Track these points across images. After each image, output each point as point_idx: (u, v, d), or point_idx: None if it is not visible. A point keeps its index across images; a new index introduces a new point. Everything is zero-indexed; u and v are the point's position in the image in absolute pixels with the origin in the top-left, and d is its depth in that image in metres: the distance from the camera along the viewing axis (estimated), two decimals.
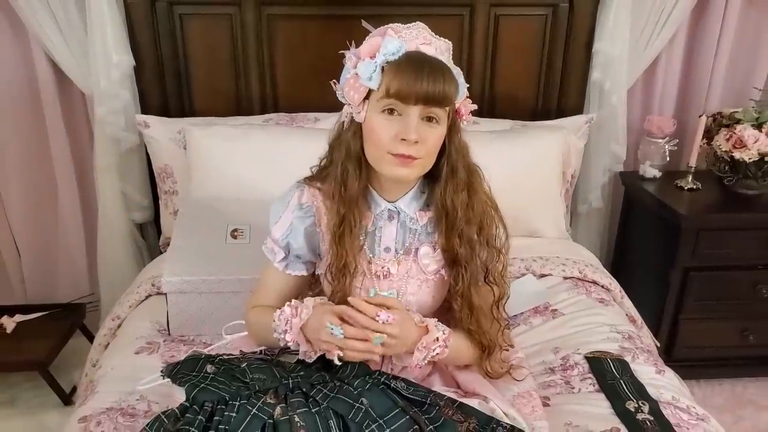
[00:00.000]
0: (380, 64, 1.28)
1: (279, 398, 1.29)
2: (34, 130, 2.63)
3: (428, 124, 1.31)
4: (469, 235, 1.41)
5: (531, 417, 1.41)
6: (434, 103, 1.28)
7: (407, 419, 1.23)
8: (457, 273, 1.43)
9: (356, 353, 1.30)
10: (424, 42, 1.32)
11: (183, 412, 1.28)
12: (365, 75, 1.29)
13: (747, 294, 2.52)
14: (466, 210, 1.41)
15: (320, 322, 1.32)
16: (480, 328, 1.44)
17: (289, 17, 2.51)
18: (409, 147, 1.29)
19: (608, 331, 1.88)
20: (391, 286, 1.46)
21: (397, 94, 1.27)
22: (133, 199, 2.65)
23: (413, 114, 1.28)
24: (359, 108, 1.33)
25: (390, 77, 1.27)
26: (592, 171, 2.78)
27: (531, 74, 2.68)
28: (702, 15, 2.69)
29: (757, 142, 2.39)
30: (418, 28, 1.34)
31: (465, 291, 1.43)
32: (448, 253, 1.44)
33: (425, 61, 1.28)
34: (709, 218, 2.46)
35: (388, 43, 1.28)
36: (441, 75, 1.27)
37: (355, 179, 1.38)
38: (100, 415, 1.53)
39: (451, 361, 1.50)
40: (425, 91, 1.26)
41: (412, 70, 1.26)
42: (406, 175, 1.34)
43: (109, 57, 2.37)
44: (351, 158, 1.38)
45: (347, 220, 1.39)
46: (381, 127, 1.30)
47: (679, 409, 1.57)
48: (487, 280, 1.45)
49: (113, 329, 2.04)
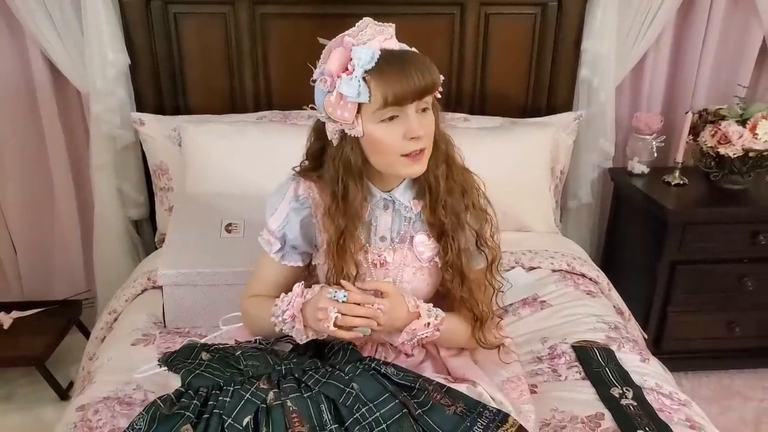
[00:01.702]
0: (360, 76, 1.27)
1: (272, 384, 1.33)
2: (31, 129, 2.65)
3: (424, 114, 1.33)
4: (453, 204, 1.43)
5: (518, 401, 1.44)
6: (429, 93, 1.31)
7: (396, 403, 1.26)
8: (445, 243, 1.45)
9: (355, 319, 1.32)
10: (386, 37, 1.32)
11: (178, 397, 1.32)
12: (352, 93, 1.27)
13: (733, 287, 2.55)
14: (447, 180, 1.43)
15: (319, 295, 1.35)
16: (472, 296, 1.47)
17: (283, 16, 2.53)
18: (417, 142, 1.31)
19: (595, 322, 1.91)
20: (387, 275, 1.49)
21: (395, 100, 1.27)
22: (128, 196, 2.67)
23: (411, 111, 1.30)
24: (354, 124, 1.31)
25: (380, 86, 1.27)
26: (582, 167, 2.81)
27: (521, 72, 2.71)
28: (688, 14, 2.72)
29: (741, 138, 2.42)
30: (370, 25, 1.33)
31: (454, 260, 1.45)
32: (435, 226, 1.46)
33: (405, 58, 1.30)
34: (695, 213, 2.50)
35: (360, 53, 1.27)
36: (424, 65, 1.30)
37: (357, 193, 1.39)
38: (98, 404, 1.56)
39: (444, 342, 1.54)
40: (420, 85, 1.27)
41: (400, 72, 1.27)
42: (419, 170, 1.37)
43: (105, 56, 2.40)
44: (352, 173, 1.38)
45: (348, 232, 1.41)
46: (386, 135, 1.31)
47: (662, 394, 1.60)
48: (479, 245, 1.47)
49: (110, 323, 2.07)
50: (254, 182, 2.18)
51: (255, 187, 2.10)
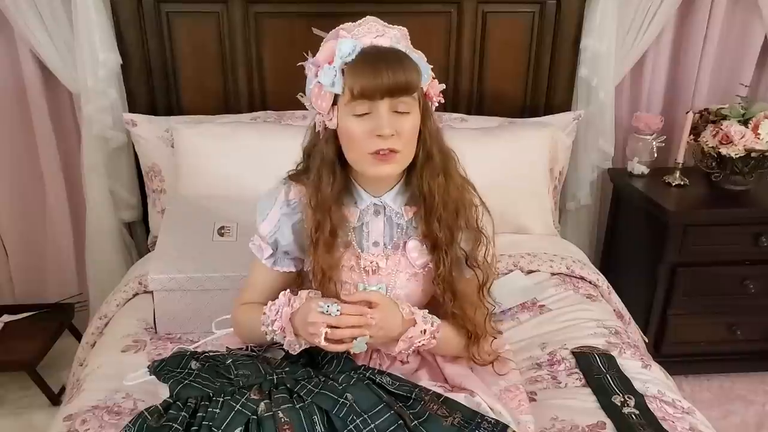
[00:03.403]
0: (339, 67, 1.29)
1: (263, 394, 1.29)
2: (21, 130, 2.62)
3: (400, 116, 1.31)
4: (447, 220, 1.41)
5: (517, 411, 1.41)
6: (399, 92, 1.29)
7: (392, 414, 1.23)
8: (438, 257, 1.43)
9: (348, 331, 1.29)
10: (378, 35, 1.32)
11: (166, 409, 1.28)
12: (327, 81, 1.29)
13: (734, 289, 2.52)
14: (444, 194, 1.41)
15: (308, 307, 1.32)
16: (464, 313, 1.44)
17: (277, 15, 2.50)
18: (386, 141, 1.29)
19: (595, 327, 1.88)
20: (380, 281, 1.46)
21: (361, 93, 1.27)
22: (121, 197, 2.64)
23: (382, 109, 1.29)
24: (330, 115, 1.33)
25: (351, 78, 1.28)
26: (581, 168, 2.78)
27: (519, 71, 2.68)
28: (689, 12, 2.69)
29: (743, 138, 2.39)
30: (369, 23, 1.34)
31: (446, 275, 1.43)
32: (429, 238, 1.44)
33: (381, 54, 1.29)
34: (696, 214, 2.47)
35: (342, 45, 1.28)
36: (399, 64, 1.28)
37: (328, 185, 1.39)
38: (86, 413, 1.52)
39: (441, 351, 1.50)
40: (387, 83, 1.26)
41: (370, 66, 1.27)
42: (389, 172, 1.35)
43: (96, 55, 2.37)
44: (325, 164, 1.39)
45: (321, 226, 1.40)
46: (355, 129, 1.31)
47: (664, 402, 1.57)
48: (469, 263, 1.45)
49: (100, 328, 2.03)
50: (248, 184, 2.15)
51: (249, 190, 2.06)
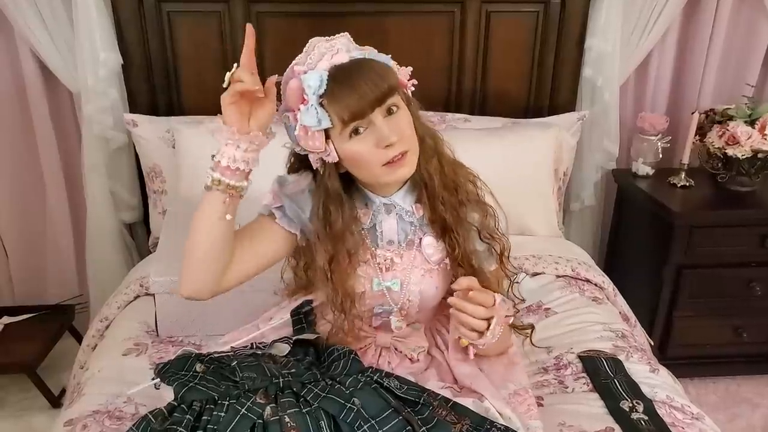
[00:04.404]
0: (316, 103, 1.25)
1: (269, 398, 1.27)
2: (21, 130, 2.61)
3: (393, 117, 1.29)
4: (450, 199, 1.41)
5: (526, 416, 1.39)
6: (386, 98, 1.27)
7: (400, 420, 1.21)
8: (450, 239, 1.42)
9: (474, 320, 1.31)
10: (332, 53, 1.28)
11: (171, 412, 1.26)
12: (312, 122, 1.25)
13: (741, 291, 2.50)
14: (441, 175, 1.40)
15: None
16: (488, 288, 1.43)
17: (279, 14, 2.48)
18: (394, 148, 1.28)
19: (601, 330, 1.86)
20: (395, 276, 1.45)
21: (352, 117, 1.25)
22: (121, 198, 2.62)
23: (378, 120, 1.27)
24: (327, 151, 1.30)
25: (335, 107, 1.25)
26: (585, 168, 2.77)
27: (523, 71, 2.66)
28: (694, 11, 2.68)
29: (750, 138, 2.38)
30: (315, 47, 1.29)
31: (464, 254, 1.42)
32: (437, 223, 1.43)
33: (351, 70, 1.26)
34: (702, 215, 2.45)
35: (308, 80, 1.24)
36: (373, 71, 1.26)
37: (338, 217, 1.37)
38: (87, 418, 1.50)
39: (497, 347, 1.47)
40: (373, 95, 1.24)
41: (348, 87, 1.24)
42: (406, 173, 1.33)
43: (96, 55, 2.35)
44: (331, 199, 1.37)
45: (336, 258, 1.38)
46: (360, 149, 1.29)
47: (673, 408, 1.55)
48: (483, 237, 1.44)
49: (101, 330, 2.01)
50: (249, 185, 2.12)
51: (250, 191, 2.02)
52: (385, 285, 1.45)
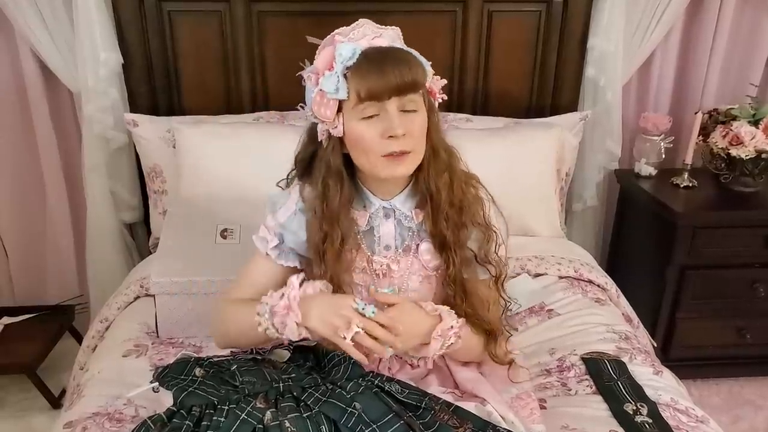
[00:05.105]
0: (341, 72, 1.26)
1: (269, 403, 1.26)
2: (22, 129, 2.60)
3: (408, 114, 1.29)
4: (454, 217, 1.39)
5: (529, 420, 1.38)
6: (407, 90, 1.27)
7: (401, 424, 1.19)
8: (447, 257, 1.41)
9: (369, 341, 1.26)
10: (375, 36, 1.30)
11: (170, 417, 1.25)
12: (331, 88, 1.27)
13: (744, 292, 2.49)
14: (449, 192, 1.39)
15: (341, 300, 1.30)
16: (476, 312, 1.42)
17: (280, 14, 2.47)
18: (398, 142, 1.27)
19: (605, 332, 1.85)
20: (392, 283, 1.44)
21: (369, 95, 1.25)
22: (122, 198, 2.61)
23: (392, 109, 1.27)
24: (335, 123, 1.30)
25: (356, 81, 1.25)
26: (587, 169, 2.75)
27: (525, 71, 2.65)
28: (697, 11, 2.66)
29: (753, 138, 2.36)
30: (364, 25, 1.31)
31: (457, 274, 1.41)
32: (437, 238, 1.42)
33: (385, 54, 1.27)
34: (705, 216, 2.44)
35: (341, 49, 1.26)
36: (405, 62, 1.27)
37: (336, 195, 1.36)
38: (86, 420, 1.49)
39: (463, 353, 1.46)
40: (395, 82, 1.25)
41: (376, 67, 1.25)
42: (403, 172, 1.33)
43: (97, 54, 2.34)
44: (332, 174, 1.36)
45: (330, 237, 1.37)
46: (365, 133, 1.28)
47: (678, 410, 1.54)
48: (480, 260, 1.43)
49: (101, 331, 2.00)
50: (250, 186, 2.12)
51: (251, 191, 2.05)
52: (382, 291, 1.43)
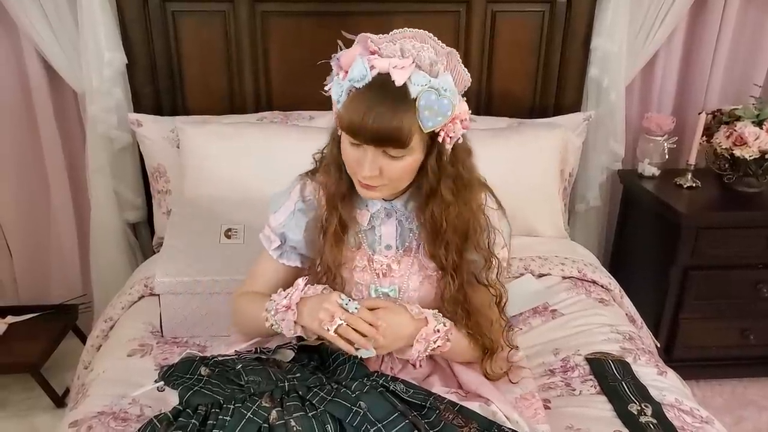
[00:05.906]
0: (347, 88, 1.23)
1: (274, 402, 1.26)
2: (26, 129, 2.60)
3: (390, 158, 1.25)
4: (456, 243, 1.38)
5: (533, 420, 1.38)
6: (384, 143, 1.21)
7: (407, 423, 1.20)
8: (445, 281, 1.41)
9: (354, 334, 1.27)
10: (399, 66, 1.20)
11: (176, 416, 1.26)
12: (335, 96, 1.27)
13: (747, 293, 2.49)
14: (453, 221, 1.35)
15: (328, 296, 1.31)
16: (479, 329, 1.42)
17: (284, 14, 2.47)
18: (368, 179, 1.27)
19: (609, 332, 1.85)
20: (393, 283, 1.44)
21: (348, 129, 1.23)
22: (126, 198, 2.61)
23: (369, 149, 1.23)
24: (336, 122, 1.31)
25: (345, 109, 1.23)
26: (590, 169, 2.75)
27: (528, 71, 2.65)
28: (701, 11, 2.66)
29: (757, 139, 2.36)
30: (403, 42, 1.23)
31: (455, 296, 1.40)
32: (435, 261, 1.41)
33: (378, 94, 1.20)
34: (709, 216, 2.44)
35: (355, 68, 1.20)
36: (390, 112, 1.18)
37: (334, 183, 1.37)
38: (92, 420, 1.50)
39: (455, 356, 1.47)
40: (371, 130, 1.19)
41: (362, 106, 1.20)
42: (375, 197, 1.34)
43: (101, 55, 2.34)
44: (331, 163, 1.38)
45: (330, 220, 1.39)
46: (347, 154, 1.29)
47: (682, 411, 1.54)
48: (480, 282, 1.42)
49: (105, 331, 2.00)
50: (254, 185, 2.13)
51: (255, 191, 2.06)
52: (382, 292, 1.44)
